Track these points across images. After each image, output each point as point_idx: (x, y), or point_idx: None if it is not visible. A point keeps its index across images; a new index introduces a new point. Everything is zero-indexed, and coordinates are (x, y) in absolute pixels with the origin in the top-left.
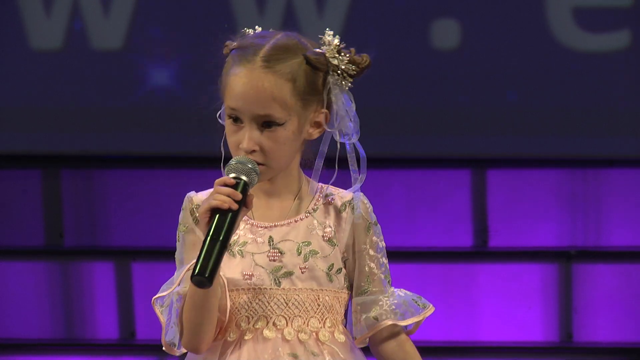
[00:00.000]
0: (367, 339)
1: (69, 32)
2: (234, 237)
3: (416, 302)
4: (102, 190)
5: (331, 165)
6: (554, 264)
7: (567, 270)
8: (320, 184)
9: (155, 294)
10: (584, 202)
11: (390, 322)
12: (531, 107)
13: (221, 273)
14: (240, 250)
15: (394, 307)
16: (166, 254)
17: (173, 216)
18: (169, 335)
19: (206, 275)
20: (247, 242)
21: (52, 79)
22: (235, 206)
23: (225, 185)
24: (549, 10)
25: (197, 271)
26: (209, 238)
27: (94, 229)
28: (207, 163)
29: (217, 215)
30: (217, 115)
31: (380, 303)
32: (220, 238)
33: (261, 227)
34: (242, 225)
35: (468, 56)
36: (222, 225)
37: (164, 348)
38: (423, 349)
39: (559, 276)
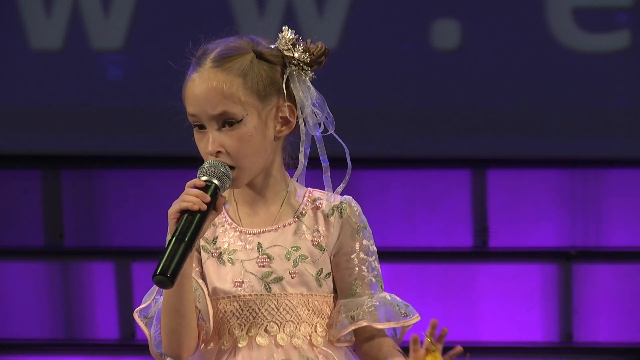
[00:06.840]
0: (352, 340)
1: (69, 32)
2: (223, 245)
3: (399, 308)
4: (102, 190)
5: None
6: (554, 264)
7: (567, 270)
8: (307, 188)
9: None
10: (584, 203)
11: (365, 323)
12: (531, 107)
13: (212, 281)
14: (230, 258)
15: (373, 309)
16: None
17: None
18: (159, 346)
19: (167, 275)
20: (236, 250)
21: (52, 79)
22: (204, 207)
23: (195, 187)
24: (548, 11)
25: (158, 270)
26: (174, 238)
27: (94, 229)
28: None
29: (185, 216)
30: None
31: (362, 305)
32: (186, 239)
33: (250, 233)
34: (231, 232)
35: (468, 56)
36: (189, 227)
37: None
38: None
39: (559, 276)
